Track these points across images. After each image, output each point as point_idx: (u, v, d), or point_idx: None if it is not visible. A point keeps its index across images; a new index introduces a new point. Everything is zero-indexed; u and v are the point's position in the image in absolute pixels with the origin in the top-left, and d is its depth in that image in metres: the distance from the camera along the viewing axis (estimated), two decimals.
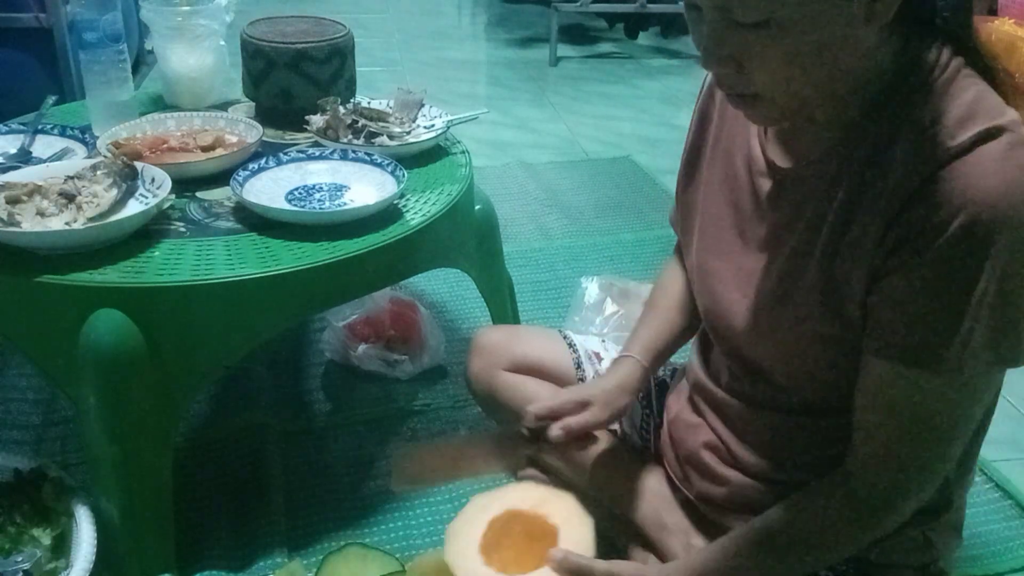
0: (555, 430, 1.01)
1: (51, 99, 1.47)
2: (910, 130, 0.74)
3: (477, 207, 1.43)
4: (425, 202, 1.24)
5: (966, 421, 0.80)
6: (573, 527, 0.97)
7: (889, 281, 0.76)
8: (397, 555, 1.18)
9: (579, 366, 1.27)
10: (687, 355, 1.14)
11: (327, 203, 1.21)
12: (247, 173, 1.22)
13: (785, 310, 0.85)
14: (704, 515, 1.07)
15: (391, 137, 1.37)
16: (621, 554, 1.19)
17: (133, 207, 1.11)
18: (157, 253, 1.07)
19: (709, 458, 1.03)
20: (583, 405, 1.04)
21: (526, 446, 1.01)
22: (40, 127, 1.34)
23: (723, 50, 0.73)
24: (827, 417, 0.90)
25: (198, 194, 1.22)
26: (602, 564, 0.91)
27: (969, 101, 0.74)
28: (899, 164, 0.74)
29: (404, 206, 1.22)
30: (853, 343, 0.82)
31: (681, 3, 3.46)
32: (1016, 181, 0.70)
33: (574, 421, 1.02)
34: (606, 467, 1.17)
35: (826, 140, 0.81)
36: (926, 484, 0.83)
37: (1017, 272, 0.72)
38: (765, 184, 0.88)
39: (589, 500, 1.22)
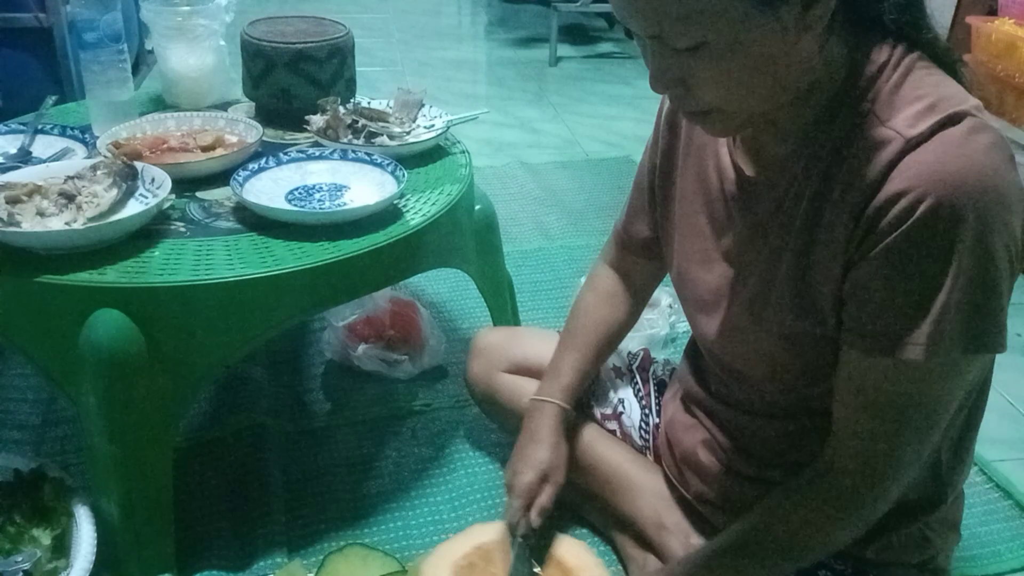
0: (536, 519, 1.08)
1: (51, 99, 1.47)
2: (869, 125, 0.75)
3: (477, 207, 1.43)
4: (425, 202, 1.24)
5: (945, 405, 0.80)
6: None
7: (859, 271, 0.76)
8: (397, 555, 1.18)
9: None
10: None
11: (327, 203, 1.21)
12: (247, 173, 1.22)
13: (764, 313, 0.86)
14: (703, 515, 1.07)
15: (391, 137, 1.37)
16: (620, 554, 1.19)
17: (133, 207, 1.11)
18: (157, 253, 1.07)
19: (706, 458, 1.03)
20: (543, 480, 1.08)
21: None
22: (40, 127, 1.34)
23: (667, 74, 0.75)
24: (816, 418, 0.90)
25: (198, 194, 1.22)
26: None
27: (927, 92, 0.74)
28: (862, 158, 0.75)
29: (404, 206, 1.22)
30: (830, 342, 0.82)
31: None
32: (979, 163, 0.71)
33: (546, 500, 1.08)
34: (605, 467, 1.18)
35: (789, 144, 0.82)
36: (906, 468, 0.83)
37: (986, 254, 0.72)
38: (735, 191, 0.88)
39: (588, 499, 1.23)
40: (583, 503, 1.25)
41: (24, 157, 1.27)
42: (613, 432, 1.22)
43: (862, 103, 0.76)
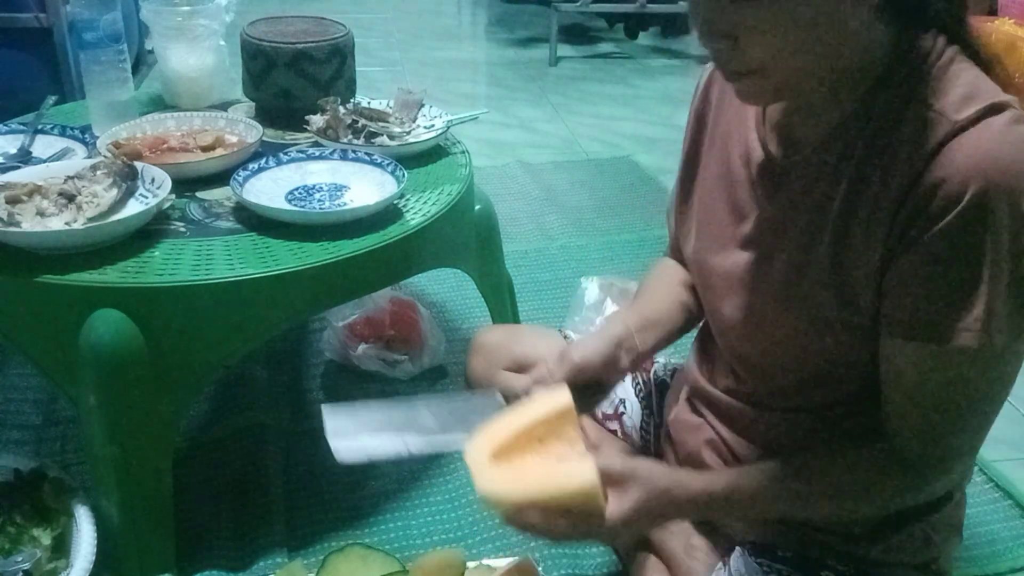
0: (525, 384, 0.95)
1: (51, 99, 1.47)
2: (914, 110, 0.76)
3: (477, 207, 1.43)
4: (425, 202, 1.24)
5: (1000, 389, 0.80)
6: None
7: (907, 260, 0.76)
8: (397, 555, 1.18)
9: None
10: (686, 355, 1.14)
11: (327, 203, 1.21)
12: (247, 173, 1.22)
13: (794, 298, 0.86)
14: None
15: (391, 137, 1.37)
16: (619, 554, 1.19)
17: (133, 207, 1.11)
18: (157, 253, 1.07)
19: (710, 458, 1.03)
20: (560, 358, 0.96)
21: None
22: (40, 127, 1.34)
23: (718, 25, 0.74)
24: (825, 412, 0.90)
25: (198, 194, 1.22)
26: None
27: (970, 81, 0.75)
28: (905, 142, 0.75)
29: (404, 206, 1.22)
30: (858, 329, 0.82)
31: (681, 3, 3.47)
32: (1022, 148, 0.71)
33: (553, 373, 0.95)
34: None
35: (824, 128, 0.82)
36: (969, 452, 0.84)
37: None
38: (763, 176, 0.88)
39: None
40: None
41: (24, 157, 1.27)
42: (614, 432, 1.22)
43: (904, 89, 0.77)
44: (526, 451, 0.86)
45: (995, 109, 0.73)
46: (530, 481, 0.84)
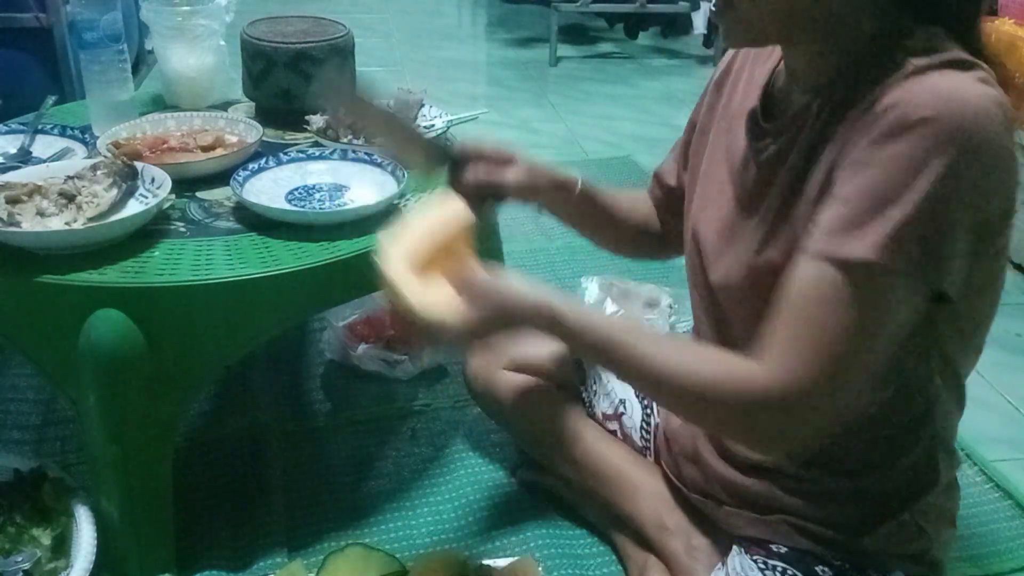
0: (472, 174, 1.07)
1: (51, 99, 1.47)
2: (890, 67, 0.76)
3: None
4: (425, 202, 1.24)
5: (884, 328, 0.75)
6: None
7: (838, 175, 0.76)
8: (398, 555, 1.18)
9: (579, 365, 1.27)
10: None
11: (327, 203, 1.21)
12: (247, 173, 1.22)
13: (762, 251, 0.87)
14: (705, 515, 1.07)
15: None
16: (619, 554, 1.20)
17: (133, 207, 1.11)
18: (157, 253, 1.07)
19: (706, 452, 1.03)
20: (508, 161, 1.09)
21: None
22: (40, 127, 1.34)
23: None
24: None
25: (198, 194, 1.22)
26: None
27: (954, 51, 0.76)
28: (871, 86, 0.76)
29: (404, 206, 1.22)
30: None
31: (681, 3, 3.47)
32: (978, 106, 0.71)
33: (503, 175, 1.08)
34: (606, 467, 1.18)
35: (810, 95, 0.84)
36: (828, 389, 0.76)
37: (957, 188, 0.71)
38: (755, 141, 0.91)
39: (588, 498, 1.23)
40: (583, 503, 1.25)
41: (24, 157, 1.27)
42: (614, 432, 1.22)
43: (891, 56, 0.77)
44: (432, 261, 0.95)
45: (964, 64, 0.74)
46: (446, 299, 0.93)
